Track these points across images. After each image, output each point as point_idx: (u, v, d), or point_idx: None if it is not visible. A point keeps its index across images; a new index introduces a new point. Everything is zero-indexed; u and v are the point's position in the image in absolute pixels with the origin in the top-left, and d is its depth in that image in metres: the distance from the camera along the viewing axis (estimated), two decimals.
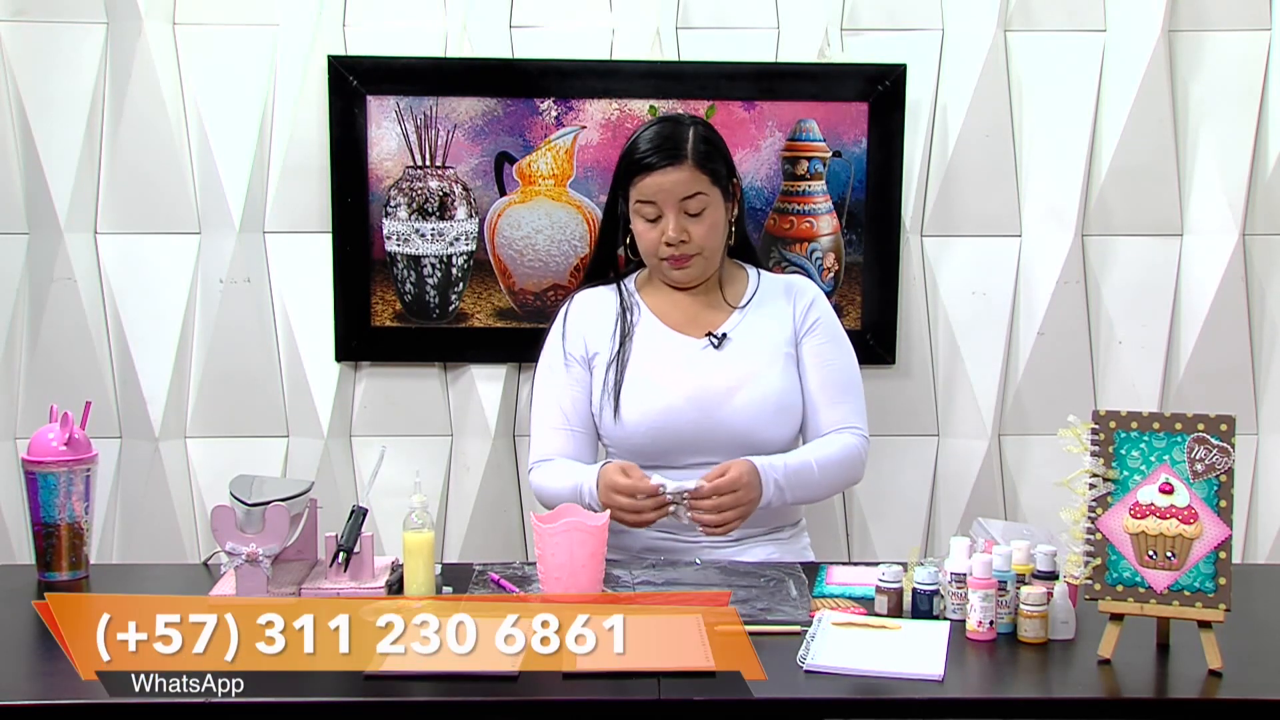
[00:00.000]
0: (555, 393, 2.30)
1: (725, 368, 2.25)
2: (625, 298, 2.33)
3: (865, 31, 2.92)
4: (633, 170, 2.23)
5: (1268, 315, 2.98)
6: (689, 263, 2.24)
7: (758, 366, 2.25)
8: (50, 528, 2.08)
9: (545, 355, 2.34)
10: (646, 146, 2.22)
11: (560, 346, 2.32)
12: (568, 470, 2.23)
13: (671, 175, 2.20)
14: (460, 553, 2.97)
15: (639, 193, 2.22)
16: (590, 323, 2.32)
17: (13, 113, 2.86)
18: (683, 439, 2.23)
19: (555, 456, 2.27)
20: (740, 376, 2.24)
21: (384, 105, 2.86)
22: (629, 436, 2.25)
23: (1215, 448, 1.72)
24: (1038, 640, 1.80)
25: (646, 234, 2.24)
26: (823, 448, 2.24)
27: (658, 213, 2.22)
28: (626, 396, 2.24)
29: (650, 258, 2.27)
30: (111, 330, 2.93)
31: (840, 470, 2.25)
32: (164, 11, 2.85)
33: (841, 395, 2.29)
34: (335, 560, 1.98)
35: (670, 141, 2.22)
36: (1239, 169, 2.93)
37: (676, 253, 2.23)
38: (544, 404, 2.31)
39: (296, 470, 2.94)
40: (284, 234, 2.93)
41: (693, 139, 2.23)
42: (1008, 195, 2.96)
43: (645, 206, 2.23)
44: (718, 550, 2.22)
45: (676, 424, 2.22)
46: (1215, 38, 2.91)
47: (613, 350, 2.28)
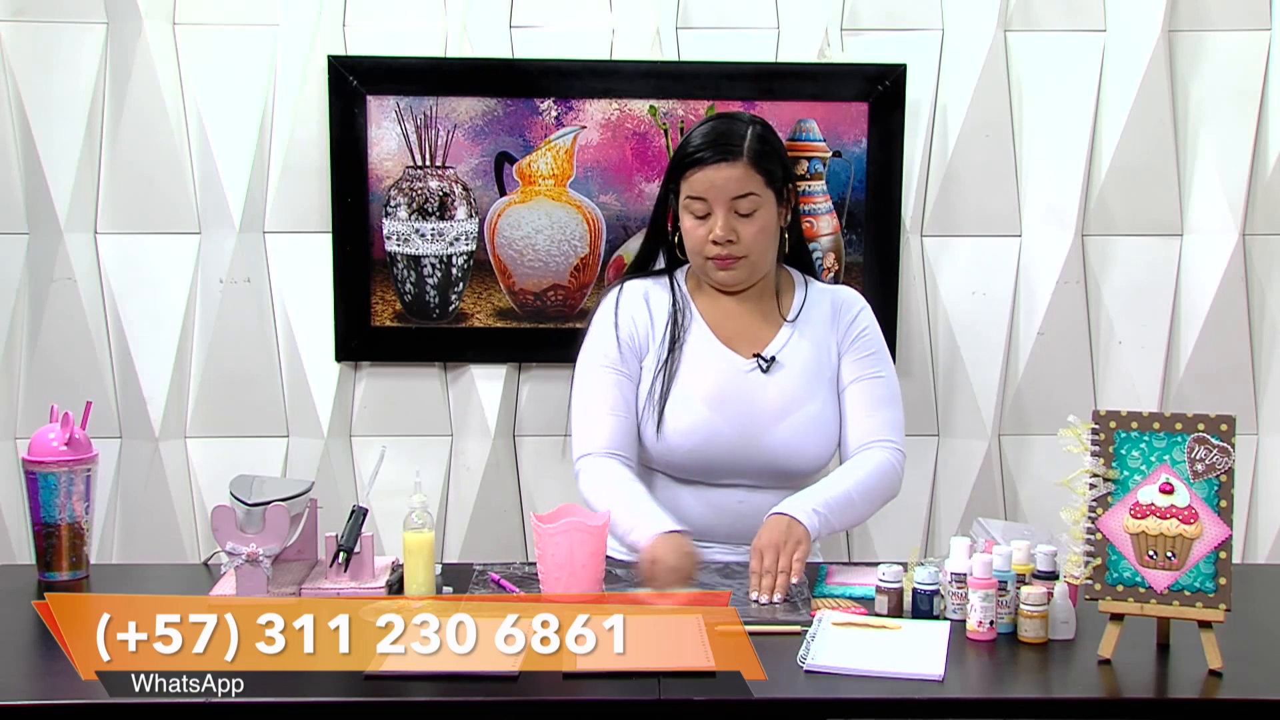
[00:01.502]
0: (607, 378, 2.22)
1: (772, 393, 2.20)
2: (678, 298, 2.27)
3: (865, 31, 2.92)
4: (685, 164, 2.17)
5: (1268, 315, 2.98)
6: (735, 265, 2.18)
7: (803, 393, 2.21)
8: (50, 528, 2.08)
9: (595, 340, 2.26)
10: (700, 141, 2.17)
11: (614, 334, 2.24)
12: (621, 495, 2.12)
13: (725, 171, 2.15)
14: (460, 553, 2.97)
15: (690, 188, 2.17)
16: (643, 315, 2.25)
17: (13, 113, 2.86)
18: (722, 461, 2.19)
19: (609, 448, 2.18)
20: (785, 404, 2.20)
21: (384, 105, 2.86)
22: (669, 452, 2.21)
23: (1215, 448, 1.72)
24: (1038, 640, 1.80)
25: (694, 231, 2.18)
26: (858, 471, 2.19)
27: (707, 209, 2.16)
28: (671, 412, 2.19)
29: (696, 256, 2.21)
30: (111, 330, 2.93)
31: (879, 492, 2.20)
32: (164, 11, 2.85)
33: (877, 407, 2.25)
34: (335, 560, 1.98)
35: (726, 137, 2.17)
36: (1239, 169, 2.93)
37: (724, 252, 2.17)
38: (594, 388, 2.22)
39: (296, 470, 2.94)
40: (284, 234, 2.93)
41: (750, 137, 2.17)
42: (1008, 195, 2.96)
43: (695, 203, 2.17)
44: (717, 553, 2.21)
45: (718, 446, 2.19)
46: (1215, 38, 2.91)
47: (661, 356, 2.23)
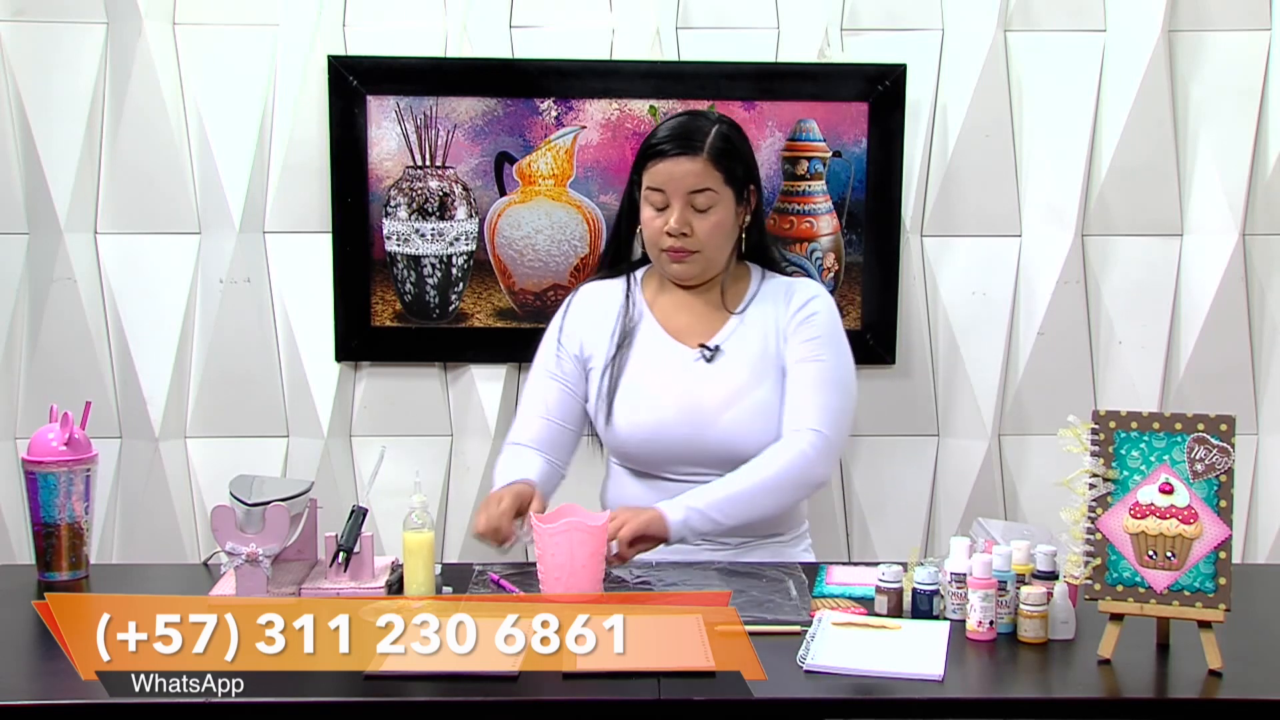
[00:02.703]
0: (543, 383, 2.30)
1: (716, 382, 2.23)
2: (630, 296, 2.32)
3: (865, 31, 2.92)
4: (648, 155, 2.22)
5: (1268, 315, 2.98)
6: (688, 259, 2.22)
7: (748, 381, 2.22)
8: (50, 528, 2.08)
9: (543, 344, 2.33)
10: (665, 134, 2.21)
11: (556, 340, 2.31)
12: (515, 467, 2.22)
13: (684, 165, 2.18)
14: (460, 553, 2.97)
15: (650, 178, 2.21)
16: (590, 322, 2.31)
17: (13, 113, 2.86)
18: (674, 451, 2.22)
19: (529, 443, 2.27)
20: (730, 392, 2.22)
21: (384, 105, 2.86)
22: (622, 444, 2.25)
23: (1215, 448, 1.71)
24: (1038, 640, 1.80)
25: (652, 222, 2.22)
26: (762, 465, 2.15)
27: (665, 201, 2.20)
28: (619, 405, 2.24)
29: (652, 248, 2.25)
30: (111, 330, 2.93)
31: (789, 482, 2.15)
32: (164, 11, 2.85)
33: (811, 391, 2.19)
34: (335, 560, 1.98)
35: (689, 132, 2.21)
36: (1239, 169, 2.93)
37: (677, 244, 2.21)
38: (531, 391, 2.31)
39: (296, 470, 2.94)
40: (284, 234, 2.93)
41: (713, 135, 2.20)
42: (1008, 195, 2.96)
43: (654, 194, 2.20)
44: (717, 553, 2.22)
45: (668, 436, 2.22)
46: (1215, 38, 2.91)
47: (609, 354, 2.28)
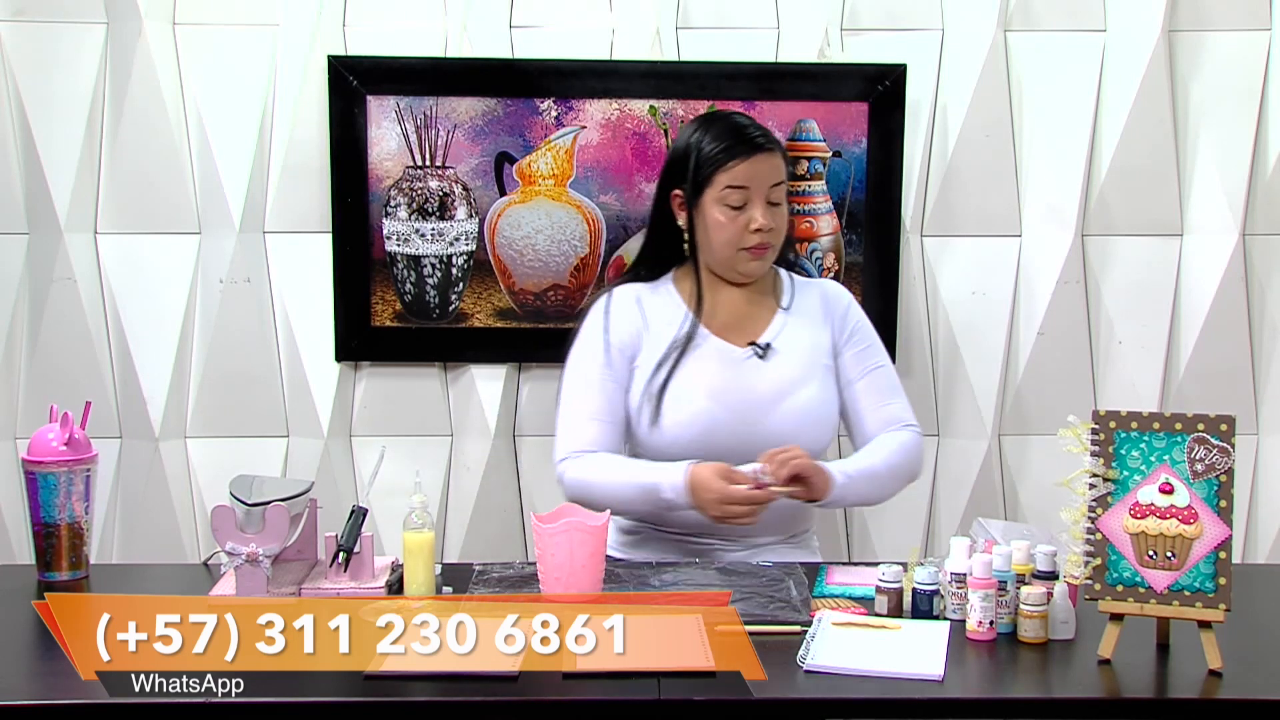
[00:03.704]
0: (593, 383, 2.21)
1: (768, 379, 2.21)
2: (672, 298, 2.26)
3: (865, 31, 2.92)
4: (727, 155, 2.15)
5: (1268, 315, 2.98)
6: (766, 253, 2.19)
7: (799, 377, 2.22)
8: (50, 528, 2.08)
9: (584, 346, 2.25)
10: (738, 135, 2.17)
11: (603, 339, 2.23)
12: (626, 465, 2.15)
13: (768, 161, 2.16)
14: (460, 553, 2.97)
15: (731, 178, 2.15)
16: (636, 319, 2.24)
17: (13, 113, 2.86)
18: (720, 450, 2.16)
19: (592, 448, 2.18)
20: (783, 388, 2.21)
21: (384, 105, 2.86)
22: (667, 445, 2.19)
23: (1215, 448, 1.71)
24: (1038, 640, 1.80)
25: (730, 224, 2.16)
26: (886, 448, 2.23)
27: (744, 200, 2.15)
28: (668, 404, 2.18)
29: (727, 249, 2.19)
30: (111, 330, 2.93)
31: (904, 469, 2.25)
32: (164, 11, 2.85)
33: (890, 395, 2.28)
34: (335, 560, 1.98)
35: (760, 128, 2.19)
36: (1239, 169, 2.93)
37: (762, 240, 2.17)
38: (579, 393, 2.22)
39: (296, 470, 2.94)
40: (284, 234, 2.93)
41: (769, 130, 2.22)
42: (1008, 195, 2.96)
43: (733, 194, 2.15)
44: (728, 554, 2.21)
45: (718, 436, 2.17)
46: (1215, 38, 2.91)
47: (660, 354, 2.21)
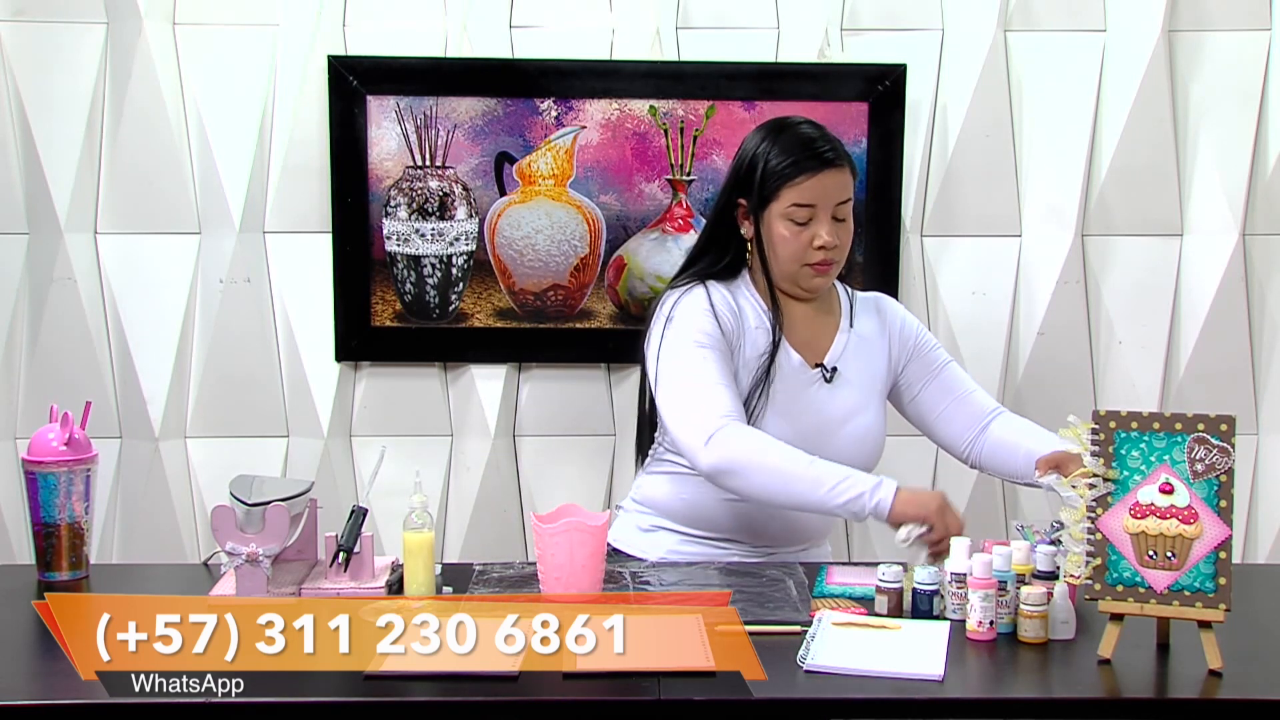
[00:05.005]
0: (711, 357, 2.10)
1: (833, 404, 2.20)
2: (753, 302, 2.20)
3: (865, 31, 2.92)
4: (794, 170, 2.11)
5: (1268, 315, 2.98)
6: (830, 269, 2.16)
7: (858, 403, 2.22)
8: (50, 528, 2.08)
9: (689, 323, 2.13)
10: (807, 149, 2.12)
11: (713, 318, 2.13)
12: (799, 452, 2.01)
13: (837, 177, 2.12)
14: (460, 553, 2.97)
15: (799, 195, 2.11)
16: (734, 316, 2.17)
17: (13, 113, 2.86)
18: None
19: (737, 415, 2.05)
20: (845, 413, 2.20)
21: (384, 105, 2.86)
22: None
23: (1215, 448, 1.71)
24: (1038, 640, 1.80)
25: (795, 239, 2.12)
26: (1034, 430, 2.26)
27: (809, 216, 2.12)
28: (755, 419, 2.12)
29: (791, 264, 2.15)
30: (111, 330, 2.93)
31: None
32: (164, 11, 2.85)
33: (970, 385, 2.31)
34: (335, 560, 1.98)
35: (830, 141, 2.14)
36: (1239, 169, 2.93)
37: (827, 256, 2.14)
38: (699, 365, 2.09)
39: (296, 470, 2.94)
40: (284, 234, 2.93)
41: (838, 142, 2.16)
42: (1008, 195, 2.96)
43: (800, 210, 2.11)
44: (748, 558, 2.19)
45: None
46: (1215, 38, 2.92)
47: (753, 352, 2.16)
